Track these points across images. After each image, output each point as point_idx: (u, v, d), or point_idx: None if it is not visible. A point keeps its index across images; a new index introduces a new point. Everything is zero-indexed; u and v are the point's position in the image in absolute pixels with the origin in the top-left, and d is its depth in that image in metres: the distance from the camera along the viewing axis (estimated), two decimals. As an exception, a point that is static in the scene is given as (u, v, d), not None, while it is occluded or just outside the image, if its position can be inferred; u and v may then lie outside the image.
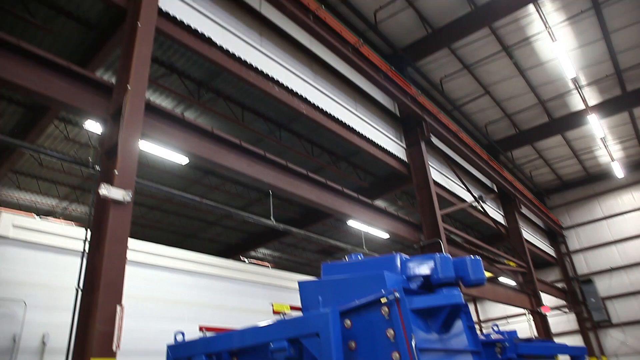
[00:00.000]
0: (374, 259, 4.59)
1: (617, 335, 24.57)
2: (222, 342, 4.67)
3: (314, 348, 3.79)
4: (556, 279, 26.87)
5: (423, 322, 3.92)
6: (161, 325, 9.32)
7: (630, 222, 25.58)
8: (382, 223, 11.36)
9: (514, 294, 17.21)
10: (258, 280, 11.36)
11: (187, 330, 5.38)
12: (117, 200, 5.59)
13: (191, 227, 18.49)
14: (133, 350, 8.62)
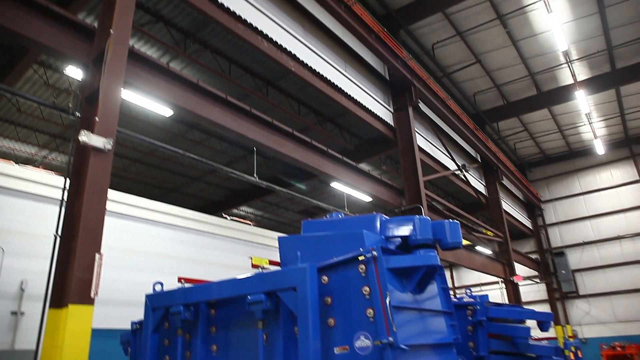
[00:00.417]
0: (354, 218, 4.64)
1: (583, 306, 25.66)
2: (200, 293, 4.72)
3: (291, 302, 3.86)
4: (531, 250, 27.69)
5: (398, 282, 4.00)
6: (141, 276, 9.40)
7: (605, 199, 26.23)
8: (365, 186, 11.43)
9: (489, 263, 17.70)
10: (239, 236, 11.45)
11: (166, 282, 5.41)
12: (97, 148, 5.48)
13: (174, 182, 18.37)
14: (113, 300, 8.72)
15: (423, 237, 4.16)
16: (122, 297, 8.95)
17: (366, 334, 3.67)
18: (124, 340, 6.23)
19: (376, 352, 3.56)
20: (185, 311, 4.74)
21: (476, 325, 5.38)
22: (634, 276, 24.39)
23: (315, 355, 3.61)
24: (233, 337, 4.62)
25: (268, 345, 4.22)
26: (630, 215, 25.26)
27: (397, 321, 3.66)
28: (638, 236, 24.71)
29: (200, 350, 4.71)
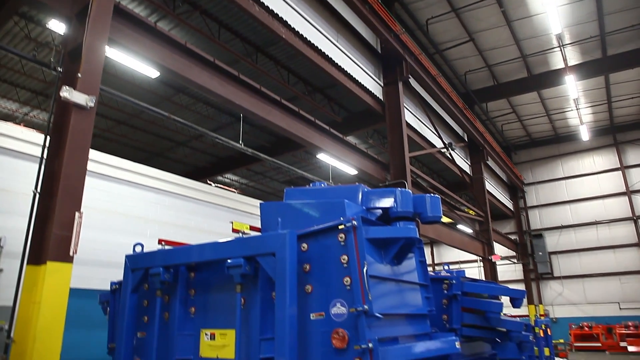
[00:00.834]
0: (337, 188, 4.65)
1: (556, 287, 26.45)
2: (180, 256, 4.73)
3: (269, 267, 3.90)
4: (510, 231, 28.26)
5: (377, 252, 4.06)
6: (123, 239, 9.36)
7: (586, 184, 26.72)
8: (350, 159, 11.44)
9: (469, 241, 18.03)
10: (223, 203, 11.43)
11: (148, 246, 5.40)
12: (79, 105, 5.36)
13: (159, 146, 18.15)
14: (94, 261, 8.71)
15: (403, 210, 4.21)
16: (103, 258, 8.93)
17: (342, 302, 3.74)
18: (103, 300, 6.25)
19: (351, 319, 3.63)
20: (165, 273, 4.76)
21: (451, 298, 5.51)
22: (606, 261, 25.13)
23: (291, 320, 3.68)
24: (211, 300, 4.66)
25: (246, 309, 4.27)
26: (609, 201, 25.83)
27: (373, 290, 3.73)
28: (614, 222, 25.33)
29: (179, 311, 4.76)
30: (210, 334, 4.57)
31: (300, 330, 3.89)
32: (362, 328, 3.53)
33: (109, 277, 5.75)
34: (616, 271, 24.67)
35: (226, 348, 4.36)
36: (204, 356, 4.53)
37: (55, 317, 4.93)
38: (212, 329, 4.57)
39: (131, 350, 4.92)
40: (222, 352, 4.39)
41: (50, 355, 4.83)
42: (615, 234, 25.23)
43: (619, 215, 25.29)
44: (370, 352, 3.46)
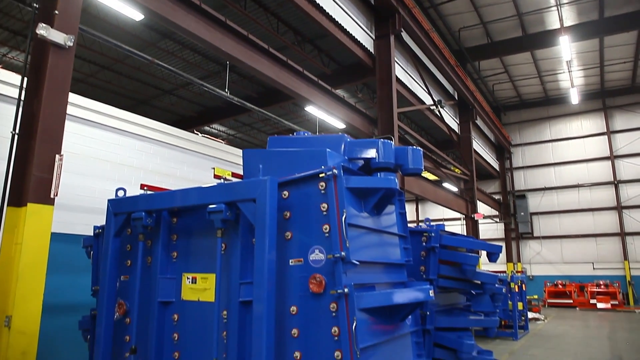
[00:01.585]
0: (320, 137, 4.63)
1: (535, 247, 27.25)
2: (163, 201, 4.74)
3: (250, 213, 3.93)
4: (495, 191, 28.72)
5: (357, 202, 4.10)
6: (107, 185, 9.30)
7: (572, 147, 27.00)
8: (339, 112, 11.33)
9: (453, 199, 18.30)
10: (209, 153, 11.35)
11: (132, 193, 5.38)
12: (57, 44, 5.17)
13: (145, 93, 17.75)
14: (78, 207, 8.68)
15: (385, 161, 4.22)
16: (87, 204, 8.90)
17: (321, 248, 3.81)
18: (87, 244, 6.30)
19: (328, 265, 3.72)
20: (147, 217, 4.78)
21: (429, 250, 5.66)
22: (585, 223, 25.82)
23: (270, 265, 3.75)
24: (193, 245, 4.72)
25: (226, 254, 4.34)
26: (592, 165, 26.23)
27: (351, 238, 3.80)
28: (595, 186, 25.84)
29: (161, 255, 4.82)
30: (192, 277, 4.66)
31: (280, 276, 3.98)
32: (338, 274, 3.62)
33: (92, 222, 5.77)
34: (593, 233, 25.41)
35: (207, 291, 4.46)
36: (185, 299, 4.64)
37: (37, 258, 4.97)
38: (193, 273, 4.65)
39: (114, 293, 5.01)
40: (203, 295, 4.50)
41: (33, 294, 4.90)
42: (595, 197, 25.80)
43: (601, 179, 25.77)
44: (345, 297, 3.57)
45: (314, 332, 3.69)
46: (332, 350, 3.56)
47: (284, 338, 3.84)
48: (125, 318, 4.95)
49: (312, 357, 3.67)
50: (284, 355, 3.81)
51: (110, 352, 4.78)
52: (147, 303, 4.77)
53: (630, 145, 25.34)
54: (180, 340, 4.54)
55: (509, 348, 10.04)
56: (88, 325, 5.68)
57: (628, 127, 25.62)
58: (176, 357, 4.54)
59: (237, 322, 3.98)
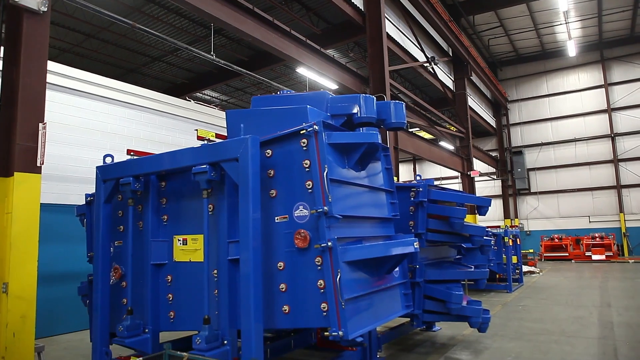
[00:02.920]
0: (302, 95, 4.60)
1: (532, 202, 27.45)
2: (149, 164, 4.75)
3: (233, 172, 3.95)
4: (492, 148, 28.68)
5: (340, 158, 4.11)
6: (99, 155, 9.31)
7: (569, 102, 26.77)
8: (330, 72, 11.17)
9: (449, 156, 18.30)
10: (201, 119, 11.28)
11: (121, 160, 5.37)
12: (30, 10, 5.05)
13: (133, 61, 17.44)
14: (69, 177, 8.71)
15: (367, 116, 4.21)
16: (80, 175, 8.93)
17: (305, 204, 3.85)
18: (80, 212, 6.35)
19: (312, 220, 3.77)
20: (135, 182, 4.81)
21: (417, 205, 5.70)
22: (581, 177, 25.92)
23: (255, 223, 3.80)
24: (182, 207, 4.77)
25: (214, 214, 4.39)
26: (589, 119, 26.08)
27: (335, 193, 3.83)
28: (592, 140, 25.78)
29: (152, 219, 4.88)
30: (183, 239, 4.73)
31: (266, 233, 4.05)
32: (322, 228, 3.68)
33: (86, 192, 5.80)
34: (590, 187, 25.55)
35: (198, 252, 4.54)
36: (177, 260, 4.73)
37: (29, 225, 5.02)
38: (184, 235, 4.72)
39: (108, 258, 5.09)
40: (194, 256, 4.58)
41: (27, 261, 4.98)
42: (592, 151, 25.79)
43: (598, 132, 25.68)
44: (329, 251, 3.64)
45: (301, 286, 3.78)
46: (318, 302, 3.66)
47: (272, 293, 3.93)
48: (122, 282, 5.05)
49: (300, 310, 3.78)
50: (273, 309, 3.91)
51: (108, 314, 4.90)
52: (141, 266, 4.87)
53: (627, 97, 25.12)
54: (175, 300, 4.66)
55: (503, 300, 10.30)
56: (86, 290, 5.80)
57: (626, 78, 25.31)
58: (172, 317, 4.67)
59: (227, 280, 4.07)
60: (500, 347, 6.09)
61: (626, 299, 9.79)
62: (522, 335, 6.70)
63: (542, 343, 6.23)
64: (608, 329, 6.94)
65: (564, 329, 7.07)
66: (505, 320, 7.91)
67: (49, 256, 8.45)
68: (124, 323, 4.64)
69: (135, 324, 4.69)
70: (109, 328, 4.85)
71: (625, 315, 8.02)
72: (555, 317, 8.07)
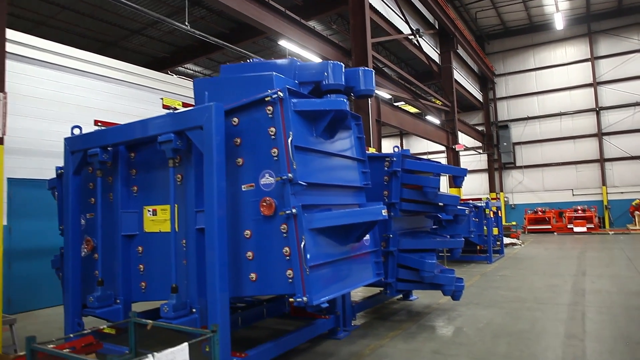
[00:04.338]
0: (270, 63, 4.51)
1: (517, 176, 27.69)
2: (115, 135, 4.67)
3: (198, 140, 3.89)
4: (478, 123, 28.71)
5: (307, 125, 4.06)
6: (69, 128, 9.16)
7: (556, 75, 26.75)
8: (312, 45, 10.99)
9: (434, 130, 18.27)
10: (182, 93, 11.09)
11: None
12: (-12, -26, 4.85)
13: (112, 34, 16.96)
14: (47, 152, 8.55)
15: (335, 83, 4.15)
16: (55, 149, 8.77)
17: (270, 172, 3.82)
18: (51, 185, 6.27)
19: (278, 188, 3.75)
20: (103, 153, 4.74)
21: (391, 175, 5.70)
22: (565, 150, 26.13)
23: (219, 192, 3.76)
24: (152, 178, 4.72)
25: (183, 184, 4.35)
26: (575, 92, 26.13)
27: (300, 161, 3.80)
28: (577, 114, 25.89)
29: (121, 191, 4.83)
30: (152, 210, 4.70)
31: (233, 201, 4.02)
32: (287, 195, 3.66)
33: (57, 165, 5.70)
34: (574, 160, 25.79)
35: (167, 222, 4.52)
36: (148, 231, 4.70)
37: (-5, 196, 4.94)
38: (153, 206, 4.69)
39: (79, 230, 5.05)
40: (164, 226, 4.56)
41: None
42: (577, 125, 25.93)
43: (583, 106, 25.77)
44: (294, 218, 3.62)
45: (267, 254, 3.78)
46: (284, 269, 3.67)
47: (240, 261, 3.93)
48: (94, 254, 5.03)
49: (267, 277, 3.79)
50: (241, 277, 3.92)
51: (79, 286, 4.89)
52: (111, 238, 4.84)
53: (613, 70, 25.15)
54: (146, 270, 4.65)
55: (482, 270, 10.47)
56: (59, 264, 5.78)
57: (612, 52, 25.28)
58: (143, 287, 4.67)
59: (195, 249, 4.06)
60: (474, 314, 6.21)
61: (601, 268, 10.00)
62: (496, 303, 6.83)
63: (514, 310, 6.35)
64: (579, 296, 7.09)
65: (537, 296, 7.21)
66: (482, 289, 8.05)
67: (26, 231, 8.38)
68: (94, 294, 4.64)
69: (106, 295, 4.69)
70: (82, 300, 4.85)
71: (598, 282, 8.20)
72: (531, 285, 8.23)
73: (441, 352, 4.56)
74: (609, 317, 5.71)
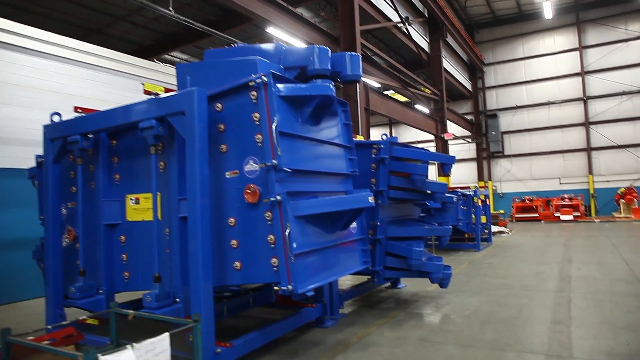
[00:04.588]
0: (255, 47, 4.40)
1: (505, 165, 27.87)
2: (95, 121, 4.54)
3: (180, 126, 3.78)
4: (467, 112, 28.78)
5: (292, 111, 3.97)
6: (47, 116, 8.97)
7: (544, 64, 26.84)
8: (299, 32, 10.85)
9: (423, 119, 18.25)
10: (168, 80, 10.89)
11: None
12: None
13: (96, 21, 16.61)
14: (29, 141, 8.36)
15: (321, 67, 4.06)
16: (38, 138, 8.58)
17: (255, 159, 3.74)
18: (31, 174, 6.13)
19: (262, 174, 3.67)
20: (83, 140, 4.61)
21: (379, 162, 5.64)
22: (553, 139, 26.32)
23: (202, 179, 3.66)
24: (134, 166, 4.61)
25: (166, 172, 4.25)
26: (563, 82, 26.26)
27: (285, 147, 3.72)
28: (565, 103, 26.05)
29: (103, 179, 4.72)
30: (135, 198, 4.59)
31: (217, 189, 3.93)
32: (271, 182, 3.58)
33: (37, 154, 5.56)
34: (561, 149, 25.99)
35: (150, 211, 4.41)
36: (130, 220, 4.60)
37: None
38: (136, 194, 4.58)
39: (59, 219, 4.93)
40: (147, 215, 4.46)
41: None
42: (565, 114, 26.10)
43: (571, 95, 25.93)
44: (279, 205, 3.55)
45: (251, 242, 3.72)
46: (269, 257, 3.61)
47: (224, 250, 3.86)
48: (76, 244, 4.92)
49: (251, 265, 3.72)
50: (225, 266, 3.85)
51: (61, 277, 4.78)
52: (93, 227, 4.73)
53: (600, 60, 25.29)
54: (130, 260, 4.56)
55: (470, 258, 10.51)
56: (40, 254, 5.66)
57: (600, 41, 25.40)
58: (127, 277, 4.58)
59: (179, 238, 3.97)
60: (461, 301, 6.21)
61: (586, 255, 10.10)
62: (484, 290, 6.85)
63: (501, 297, 6.37)
64: (566, 282, 7.14)
65: (524, 283, 7.25)
66: (469, 277, 8.07)
67: (7, 222, 8.21)
68: (76, 285, 4.54)
69: (88, 285, 4.59)
70: (64, 291, 4.75)
71: (584, 269, 8.27)
72: (518, 273, 8.27)
73: (428, 339, 4.55)
74: (594, 303, 5.76)
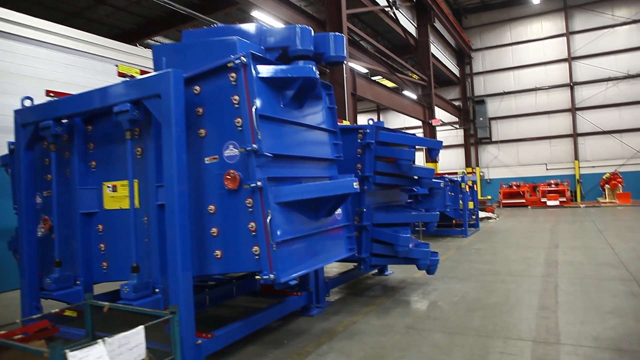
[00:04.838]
0: (236, 28, 4.22)
1: (493, 151, 27.96)
2: (68, 106, 4.35)
3: (156, 110, 3.61)
4: (455, 98, 28.73)
5: (274, 94, 3.82)
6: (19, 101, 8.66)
7: (532, 50, 26.82)
8: (284, 15, 10.61)
9: (410, 105, 18.15)
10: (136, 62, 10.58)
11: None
12: None
13: (74, 4, 16.05)
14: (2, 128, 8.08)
15: (303, 48, 3.89)
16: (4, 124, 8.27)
17: (234, 143, 3.59)
18: (4, 162, 5.90)
19: (242, 159, 3.52)
20: (56, 125, 4.42)
21: (365, 147, 5.52)
22: (540, 125, 26.43)
23: (180, 165, 3.50)
24: (111, 152, 4.43)
25: (143, 158, 4.08)
26: (551, 67, 26.29)
27: (266, 131, 3.57)
28: (553, 88, 26.11)
29: (78, 166, 4.53)
30: (112, 186, 4.43)
31: (196, 175, 3.78)
32: (252, 168, 3.44)
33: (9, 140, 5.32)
34: (548, 135, 26.12)
35: (127, 199, 4.25)
36: (108, 208, 4.43)
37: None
38: (113, 181, 4.41)
39: (33, 208, 4.75)
40: (125, 203, 4.29)
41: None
42: (552, 100, 26.18)
43: (558, 81, 25.99)
44: (260, 191, 3.42)
45: (232, 230, 3.58)
46: (250, 246, 3.48)
47: (204, 238, 3.72)
48: (52, 234, 4.74)
49: (232, 254, 3.60)
50: (205, 255, 3.72)
51: (36, 268, 4.61)
52: (69, 216, 4.55)
53: (587, 45, 25.33)
54: (107, 250, 4.40)
55: (458, 244, 10.50)
56: (15, 244, 5.48)
57: (587, 27, 25.41)
58: (105, 267, 4.43)
59: (157, 227, 3.83)
60: (449, 287, 6.17)
61: (572, 240, 10.15)
62: (471, 276, 6.82)
63: (489, 283, 6.34)
64: (552, 268, 7.14)
65: (511, 269, 7.24)
66: (457, 263, 8.05)
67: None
68: (51, 276, 4.38)
69: (65, 276, 4.43)
70: (40, 283, 4.58)
71: (570, 254, 8.29)
72: (506, 258, 8.27)
73: (415, 327, 4.49)
74: (581, 288, 5.75)
